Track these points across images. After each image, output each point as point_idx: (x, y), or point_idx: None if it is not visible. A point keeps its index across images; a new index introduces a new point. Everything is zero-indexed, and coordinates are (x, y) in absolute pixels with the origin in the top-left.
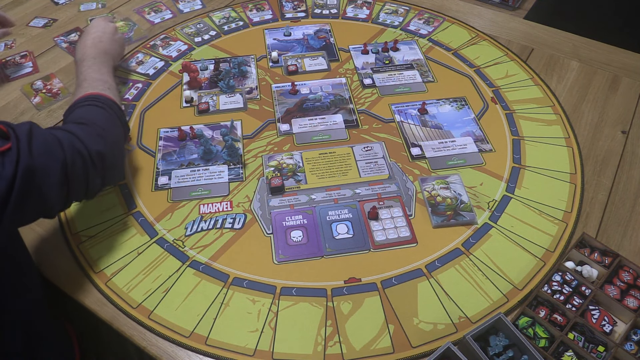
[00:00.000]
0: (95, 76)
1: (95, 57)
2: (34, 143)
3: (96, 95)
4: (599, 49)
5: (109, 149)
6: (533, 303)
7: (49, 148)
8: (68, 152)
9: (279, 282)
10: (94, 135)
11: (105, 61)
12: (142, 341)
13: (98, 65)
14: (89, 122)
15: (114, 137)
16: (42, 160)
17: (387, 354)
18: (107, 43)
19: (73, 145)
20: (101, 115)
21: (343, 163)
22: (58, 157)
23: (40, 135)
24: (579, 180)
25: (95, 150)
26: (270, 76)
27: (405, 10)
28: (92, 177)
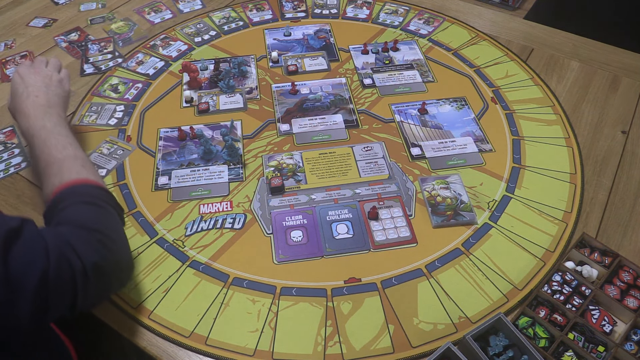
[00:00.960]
0: (58, 155)
1: (43, 124)
2: (13, 248)
3: (78, 186)
4: (599, 49)
5: (111, 258)
6: (533, 303)
7: (30, 256)
8: (53, 263)
9: (279, 282)
10: (93, 244)
11: (56, 123)
12: (142, 341)
13: (53, 136)
14: (88, 226)
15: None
16: (16, 269)
17: (387, 354)
18: (44, 96)
19: (63, 256)
20: (99, 215)
21: (343, 163)
22: (39, 266)
23: (26, 240)
24: (579, 180)
25: (92, 262)
26: (270, 76)
27: (405, 10)
28: (81, 293)
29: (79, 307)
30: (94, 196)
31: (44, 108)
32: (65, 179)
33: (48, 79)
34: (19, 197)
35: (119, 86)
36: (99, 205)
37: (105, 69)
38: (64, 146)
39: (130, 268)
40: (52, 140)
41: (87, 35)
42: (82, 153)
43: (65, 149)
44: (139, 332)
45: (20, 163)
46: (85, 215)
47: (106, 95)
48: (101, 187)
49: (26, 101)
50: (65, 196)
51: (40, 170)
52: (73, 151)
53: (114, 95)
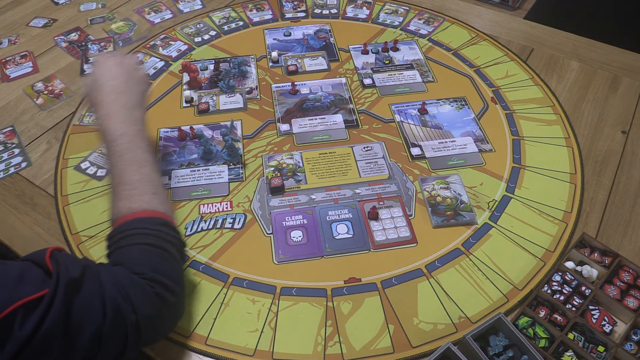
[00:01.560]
0: (133, 175)
1: (125, 131)
2: (74, 300)
3: (145, 220)
4: (599, 49)
5: (166, 310)
6: (533, 303)
7: (88, 310)
8: (109, 319)
9: (279, 282)
10: (150, 296)
11: (137, 131)
12: None
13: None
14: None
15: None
16: (74, 323)
17: (387, 354)
18: (126, 94)
19: (118, 310)
20: (160, 260)
21: (343, 163)
22: (95, 322)
23: (85, 291)
24: (579, 180)
25: (146, 315)
26: (270, 76)
27: (405, 10)
28: (131, 345)
29: (124, 356)
30: (160, 237)
31: (127, 109)
32: (134, 208)
33: (131, 74)
34: (19, 197)
35: None
36: (162, 248)
37: None
38: (140, 164)
39: (182, 313)
40: (130, 155)
41: (87, 35)
42: (157, 175)
43: (143, 168)
44: None
45: (20, 163)
46: (148, 260)
47: None
48: (168, 223)
49: (107, 97)
50: (131, 228)
51: (112, 183)
52: (148, 172)
53: None
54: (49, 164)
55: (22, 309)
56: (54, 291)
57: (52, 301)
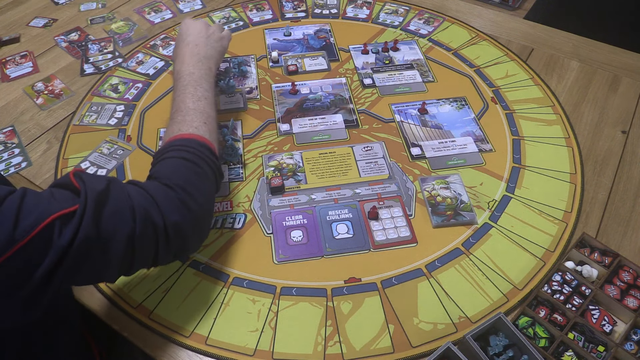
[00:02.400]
0: (190, 104)
1: (192, 71)
2: (104, 211)
3: (189, 140)
4: (599, 49)
5: (190, 218)
6: (533, 303)
7: (118, 218)
8: (139, 225)
9: (279, 282)
10: (176, 203)
11: (203, 75)
12: (142, 341)
13: (194, 85)
14: (175, 184)
15: (201, 201)
16: (107, 231)
17: (387, 354)
18: (203, 46)
19: (147, 216)
20: (191, 173)
21: (343, 163)
22: (126, 229)
23: (113, 201)
24: (579, 180)
25: (173, 221)
26: (270, 76)
27: (405, 10)
28: (162, 250)
29: (158, 263)
30: (197, 155)
31: (198, 57)
32: (183, 130)
33: (211, 32)
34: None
35: (119, 86)
36: (196, 164)
37: (105, 69)
38: (199, 98)
39: (207, 228)
40: (191, 89)
41: (87, 35)
42: (212, 110)
43: (199, 101)
44: (139, 332)
45: (20, 163)
46: (178, 171)
47: (106, 95)
48: (210, 149)
49: (185, 48)
50: (174, 146)
51: (171, 110)
52: (204, 105)
53: (114, 95)
54: (49, 164)
55: (58, 220)
56: (84, 205)
57: (83, 213)
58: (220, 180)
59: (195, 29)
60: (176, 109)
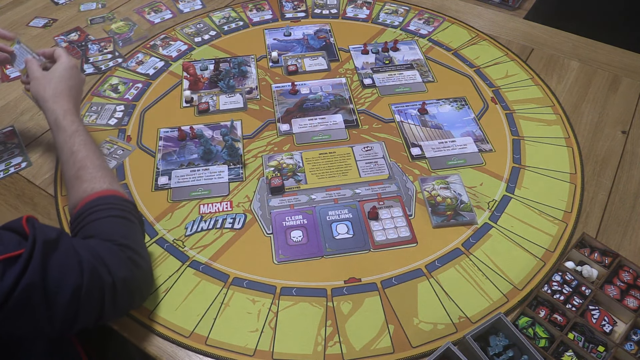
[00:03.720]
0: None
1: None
2: (51, 260)
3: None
4: (599, 49)
5: (139, 274)
6: (533, 303)
7: (66, 269)
8: (87, 278)
9: (279, 282)
10: (123, 259)
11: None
12: (142, 341)
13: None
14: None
15: (144, 255)
16: (53, 281)
17: (387, 354)
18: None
19: (95, 270)
20: (128, 229)
21: (343, 163)
22: (73, 281)
23: (61, 251)
24: (579, 180)
25: (121, 277)
26: (270, 76)
27: (405, 10)
28: (108, 306)
29: (103, 320)
30: (123, 209)
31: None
32: (97, 188)
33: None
34: (19, 197)
35: (119, 86)
36: (128, 219)
37: (105, 69)
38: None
39: (152, 283)
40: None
41: (87, 35)
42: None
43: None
44: (139, 332)
45: (20, 163)
46: (117, 229)
47: (106, 95)
48: (129, 201)
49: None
50: (97, 204)
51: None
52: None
53: (114, 95)
54: (49, 164)
55: (1, 263)
56: (32, 249)
57: (30, 258)
58: (144, 228)
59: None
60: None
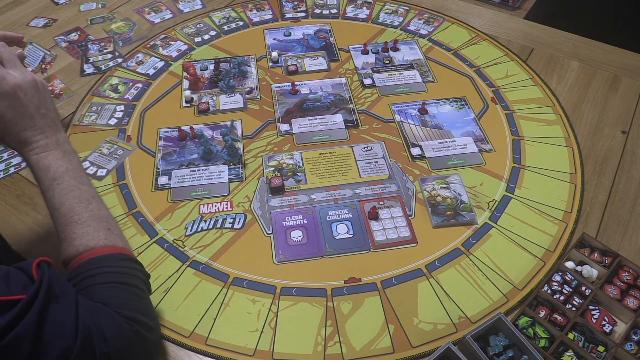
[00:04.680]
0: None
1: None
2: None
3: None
4: (599, 49)
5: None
6: (533, 303)
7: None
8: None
9: (279, 282)
10: (128, 334)
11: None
12: None
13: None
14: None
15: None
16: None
17: (387, 354)
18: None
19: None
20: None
21: (343, 163)
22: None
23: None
24: (579, 180)
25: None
26: (270, 76)
27: (405, 10)
28: None
29: None
30: (126, 273)
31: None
32: (91, 245)
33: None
34: (19, 197)
35: (119, 86)
36: (132, 285)
37: (105, 69)
38: (89, 201)
39: (157, 350)
40: (76, 192)
41: (87, 35)
42: (105, 207)
43: (90, 205)
44: None
45: (20, 163)
46: (121, 298)
47: (106, 95)
48: (130, 258)
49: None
50: (93, 267)
51: (59, 223)
52: (97, 207)
53: (114, 95)
54: None
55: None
56: (32, 299)
57: (28, 308)
58: (149, 284)
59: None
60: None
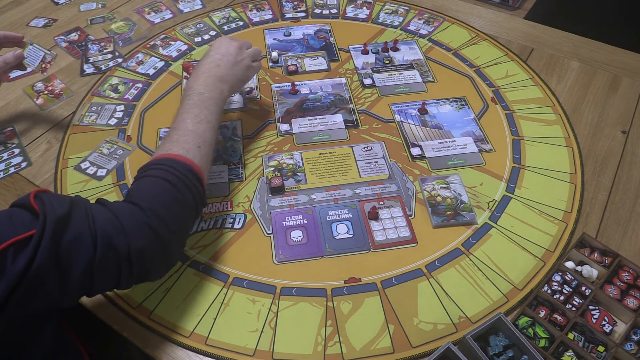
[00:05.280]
0: (190, 126)
1: (202, 91)
2: (63, 238)
3: (176, 161)
4: (599, 49)
5: (158, 245)
6: (533, 303)
7: (77, 245)
8: (100, 252)
9: (279, 282)
10: (144, 228)
11: (213, 97)
12: (142, 341)
13: (200, 106)
14: (149, 207)
15: (173, 228)
16: (65, 259)
17: (387, 354)
18: (224, 68)
19: (110, 242)
20: (169, 197)
21: (343, 163)
22: (85, 257)
23: (73, 227)
24: (579, 180)
25: (138, 247)
26: (270, 76)
27: (405, 10)
28: (124, 276)
29: (120, 287)
30: (180, 179)
31: (215, 78)
32: (174, 150)
33: (240, 58)
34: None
35: (119, 86)
36: (177, 189)
37: (105, 69)
38: (200, 120)
39: (177, 257)
40: (196, 110)
41: (87, 35)
42: (211, 135)
43: (200, 124)
44: (139, 332)
45: (20, 163)
46: (155, 193)
47: (106, 95)
48: (197, 174)
49: (207, 65)
50: (159, 164)
51: (171, 126)
52: (204, 129)
53: (114, 95)
54: (49, 164)
55: (12, 247)
56: (42, 230)
57: (40, 239)
58: (201, 208)
59: (225, 49)
60: (174, 127)
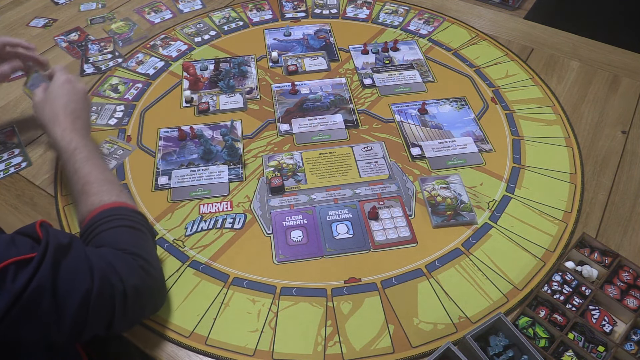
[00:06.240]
0: (99, 175)
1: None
2: (62, 264)
3: (116, 209)
4: (599, 49)
5: (150, 283)
6: (533, 303)
7: (76, 274)
8: (97, 284)
9: (279, 282)
10: (135, 268)
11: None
12: (142, 341)
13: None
14: (131, 251)
15: (157, 265)
16: (64, 285)
17: (387, 354)
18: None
19: (106, 277)
20: (140, 239)
21: (343, 163)
22: (84, 286)
23: (73, 257)
24: (579, 180)
25: (132, 284)
26: (270, 76)
27: (405, 10)
28: (118, 314)
29: (113, 328)
30: (134, 220)
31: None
32: (105, 200)
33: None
34: (19, 197)
35: (119, 86)
36: (139, 230)
37: (105, 69)
38: (104, 169)
39: (164, 294)
40: (93, 161)
41: (87, 35)
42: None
43: (105, 172)
44: (138, 332)
45: (20, 163)
46: (128, 239)
47: (106, 95)
48: (137, 211)
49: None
50: (107, 216)
51: (77, 184)
52: (110, 175)
53: (114, 95)
54: (49, 164)
55: (14, 265)
56: (44, 253)
57: (41, 260)
58: (155, 241)
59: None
60: (86, 181)
